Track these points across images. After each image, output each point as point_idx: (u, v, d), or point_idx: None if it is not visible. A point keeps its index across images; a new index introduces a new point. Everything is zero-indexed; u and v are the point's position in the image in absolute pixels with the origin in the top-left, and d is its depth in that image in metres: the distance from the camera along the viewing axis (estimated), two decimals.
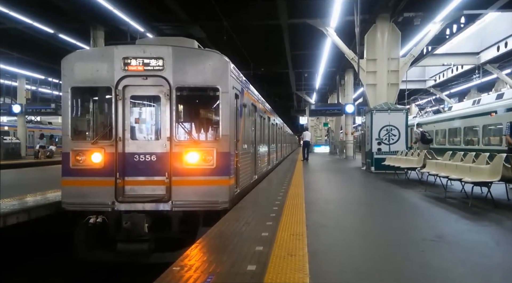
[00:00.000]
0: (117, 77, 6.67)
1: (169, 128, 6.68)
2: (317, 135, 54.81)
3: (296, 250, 4.25)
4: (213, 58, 6.91)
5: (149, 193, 6.68)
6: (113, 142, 6.68)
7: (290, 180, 11.88)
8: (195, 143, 6.81)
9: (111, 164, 6.63)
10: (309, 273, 3.54)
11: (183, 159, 6.64)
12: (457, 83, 33.18)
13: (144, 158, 6.72)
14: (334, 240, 5.00)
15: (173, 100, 6.69)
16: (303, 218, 6.03)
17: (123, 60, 6.69)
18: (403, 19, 16.91)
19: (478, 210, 7.08)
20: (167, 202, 6.59)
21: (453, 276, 3.73)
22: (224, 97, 6.82)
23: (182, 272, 3.59)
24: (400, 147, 15.07)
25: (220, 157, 6.68)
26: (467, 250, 4.59)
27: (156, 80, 6.70)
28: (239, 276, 3.48)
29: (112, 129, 6.74)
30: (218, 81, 6.78)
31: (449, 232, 5.51)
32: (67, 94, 6.84)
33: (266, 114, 14.49)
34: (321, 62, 26.69)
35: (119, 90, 6.68)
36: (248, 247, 4.41)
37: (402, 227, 5.80)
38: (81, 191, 6.66)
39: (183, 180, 6.62)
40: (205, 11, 17.26)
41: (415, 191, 9.76)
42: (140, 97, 7.10)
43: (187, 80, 6.72)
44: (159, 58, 6.68)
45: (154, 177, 6.69)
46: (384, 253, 4.51)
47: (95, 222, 6.52)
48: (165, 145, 6.68)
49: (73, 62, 6.86)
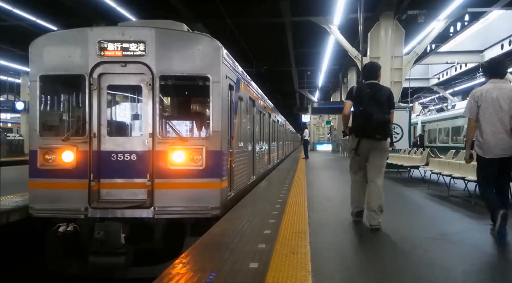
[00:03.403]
0: (91, 64, 5.86)
1: (152, 123, 5.90)
2: (319, 134, 54.78)
3: (299, 248, 4.24)
4: (203, 42, 6.09)
5: (128, 197, 5.90)
6: (86, 138, 5.90)
7: (292, 178, 11.86)
8: (181, 140, 6.01)
9: (84, 164, 5.84)
10: (311, 271, 3.53)
11: (168, 158, 5.86)
12: (460, 82, 33.07)
13: (122, 157, 5.93)
14: (337, 237, 4.99)
15: (156, 91, 5.90)
16: (306, 216, 6.02)
17: (99, 44, 5.84)
18: (407, 17, 16.83)
19: (481, 208, 7.05)
20: (148, 208, 5.80)
21: (457, 274, 3.71)
22: (215, 88, 6.02)
23: (185, 269, 3.59)
24: (403, 145, 15.01)
25: (211, 157, 5.92)
26: (470, 249, 4.57)
27: (136, 67, 5.90)
28: (241, 274, 3.48)
29: (86, 124, 5.93)
30: (209, 69, 6.00)
31: (453, 230, 5.48)
32: (35, 84, 6.02)
33: (267, 110, 13.78)
34: (324, 60, 26.66)
35: (94, 79, 5.87)
36: (250, 244, 4.40)
37: (405, 226, 5.77)
38: (50, 195, 5.89)
39: (168, 183, 5.86)
40: (208, 9, 17.25)
41: (418, 189, 9.74)
42: (118, 87, 6.39)
43: (173, 67, 5.94)
44: (140, 42, 5.86)
45: (134, 179, 5.92)
46: (388, 251, 4.50)
47: (65, 230, 5.77)
48: (147, 142, 5.91)
49: (42, 47, 6.03)
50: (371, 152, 5.35)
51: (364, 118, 5.20)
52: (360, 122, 5.28)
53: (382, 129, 5.19)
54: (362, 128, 5.26)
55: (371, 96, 5.24)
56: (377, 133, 5.20)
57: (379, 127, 5.17)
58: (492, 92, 4.79)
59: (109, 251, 5.60)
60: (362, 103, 5.25)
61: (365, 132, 5.25)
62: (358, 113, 5.33)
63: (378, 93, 5.32)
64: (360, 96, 5.30)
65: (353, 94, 5.40)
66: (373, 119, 5.11)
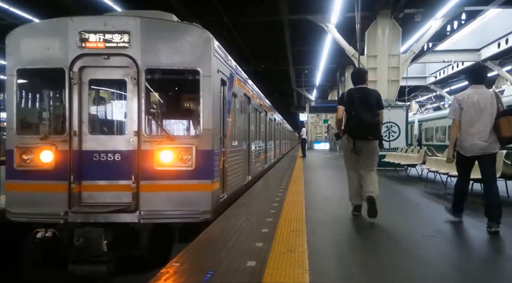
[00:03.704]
0: (71, 57, 5.43)
1: (137, 120, 5.49)
2: (317, 132, 54.84)
3: (296, 246, 4.25)
4: (192, 33, 5.66)
5: (111, 200, 5.48)
6: (66, 137, 5.46)
7: (290, 177, 11.88)
8: (169, 138, 5.55)
9: (64, 165, 5.40)
10: (308, 269, 3.54)
11: (154, 158, 5.44)
12: (457, 80, 33.17)
13: (105, 157, 5.49)
14: (334, 236, 5.00)
15: (142, 86, 5.49)
16: (303, 215, 6.03)
17: (80, 35, 5.42)
18: (404, 15, 16.90)
19: (478, 206, 7.08)
20: (133, 212, 5.37)
21: (454, 272, 3.73)
22: (206, 83, 5.61)
23: (182, 268, 3.59)
24: (400, 143, 15.07)
25: (201, 156, 5.51)
26: (467, 246, 4.60)
27: (120, 60, 5.49)
28: (239, 272, 3.48)
29: (66, 122, 5.50)
30: (199, 62, 5.58)
31: (449, 228, 5.51)
32: (12, 78, 5.62)
33: (263, 108, 13.44)
34: (322, 58, 26.72)
35: (74, 73, 5.45)
36: (248, 243, 4.40)
37: (402, 224, 5.80)
38: (27, 198, 5.45)
39: (154, 185, 5.45)
40: (205, 7, 17.24)
41: (415, 188, 9.77)
42: (100, 82, 5.93)
43: (160, 60, 5.53)
44: (124, 33, 5.45)
45: (118, 181, 5.49)
46: (385, 249, 4.51)
47: (43, 236, 5.31)
48: (132, 141, 5.48)
49: (20, 39, 5.62)
50: (365, 151, 5.88)
51: (357, 122, 5.68)
52: (353, 126, 5.74)
53: (373, 131, 5.74)
54: (356, 131, 5.75)
55: (361, 100, 5.71)
56: (369, 135, 5.74)
57: (371, 129, 5.70)
58: (473, 97, 5.25)
59: (89, 259, 5.19)
60: (354, 108, 5.71)
61: (359, 134, 5.76)
62: (351, 117, 5.76)
63: (367, 96, 5.80)
64: (351, 101, 5.76)
65: (345, 99, 5.87)
66: (365, 123, 5.63)
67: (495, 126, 5.11)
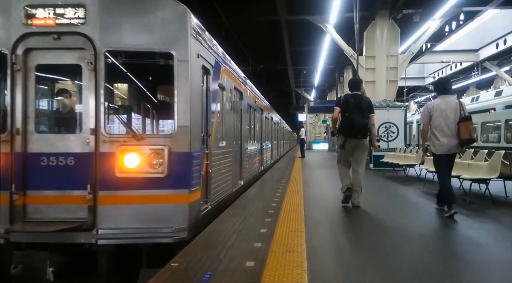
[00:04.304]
0: (14, 37, 4.44)
1: (95, 115, 4.48)
2: (316, 133, 54.87)
3: (295, 246, 4.25)
4: (164, 7, 4.59)
5: (62, 216, 4.45)
6: (8, 136, 4.45)
7: (288, 177, 11.88)
8: (135, 138, 4.52)
9: (4, 171, 4.40)
10: (307, 269, 3.54)
11: (117, 163, 4.41)
12: (456, 81, 33.24)
13: (55, 162, 4.47)
14: (332, 236, 5.00)
15: (101, 72, 4.48)
16: (302, 215, 6.03)
17: (25, 11, 4.46)
18: (403, 16, 16.93)
19: (477, 206, 7.10)
20: (89, 231, 4.34)
21: (451, 272, 3.73)
22: (182, 69, 4.59)
23: (181, 268, 3.58)
24: (398, 143, 15.09)
25: (176, 160, 4.50)
26: (465, 247, 4.60)
27: (74, 40, 4.48)
28: (238, 273, 3.47)
29: (7, 117, 4.47)
30: (172, 43, 4.57)
31: (448, 228, 5.53)
32: None
33: (259, 106, 12.45)
34: (320, 59, 26.74)
35: (18, 57, 4.45)
36: (246, 243, 4.40)
37: (400, 224, 5.80)
38: None
39: (116, 196, 4.44)
40: (203, 6, 17.21)
41: (413, 188, 9.78)
42: (50, 68, 4.78)
43: (123, 40, 4.52)
44: (79, 6, 4.47)
45: (71, 191, 4.46)
46: (383, 249, 4.51)
47: None
48: (88, 141, 4.48)
49: None
50: (355, 148, 6.83)
51: (349, 123, 6.67)
52: (346, 125, 6.72)
53: (363, 131, 6.74)
54: (348, 130, 6.71)
55: (354, 104, 6.71)
56: (359, 134, 6.72)
57: (361, 129, 6.71)
58: (441, 105, 6.20)
59: None
60: (348, 110, 6.70)
61: (350, 133, 6.72)
62: (344, 118, 6.74)
63: (360, 102, 6.79)
64: (347, 104, 6.76)
65: (341, 102, 6.84)
66: (356, 124, 6.63)
67: (457, 131, 6.04)
